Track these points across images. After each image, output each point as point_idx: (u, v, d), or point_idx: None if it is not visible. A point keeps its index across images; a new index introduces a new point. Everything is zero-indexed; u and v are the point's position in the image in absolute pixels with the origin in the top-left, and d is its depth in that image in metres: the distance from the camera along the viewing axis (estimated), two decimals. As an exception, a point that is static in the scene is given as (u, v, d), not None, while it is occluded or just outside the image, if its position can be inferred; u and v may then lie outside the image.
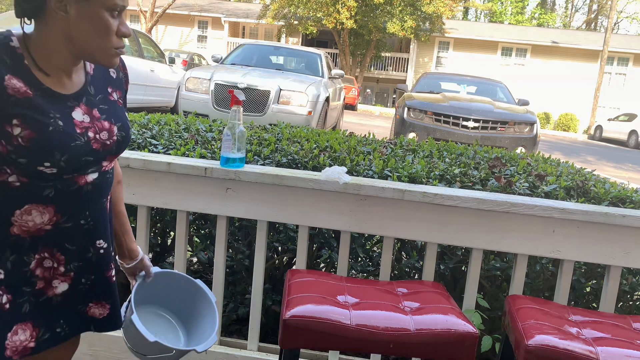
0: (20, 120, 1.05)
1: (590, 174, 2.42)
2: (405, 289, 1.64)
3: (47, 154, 1.08)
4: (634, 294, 2.15)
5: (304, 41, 26.45)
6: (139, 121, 2.56)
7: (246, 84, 6.57)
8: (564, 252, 1.84)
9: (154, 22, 22.27)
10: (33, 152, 1.07)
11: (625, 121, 19.13)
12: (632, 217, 1.77)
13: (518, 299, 1.61)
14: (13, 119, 1.05)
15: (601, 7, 40.41)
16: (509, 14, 42.05)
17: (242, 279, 2.28)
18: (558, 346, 1.32)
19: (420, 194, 1.81)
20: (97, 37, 1.10)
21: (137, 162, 1.87)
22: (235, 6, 29.78)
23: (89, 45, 1.11)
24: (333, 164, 2.13)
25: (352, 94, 20.29)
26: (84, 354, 2.05)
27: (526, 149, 6.76)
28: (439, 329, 1.37)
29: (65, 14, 1.07)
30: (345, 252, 1.93)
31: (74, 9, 1.07)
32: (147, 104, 8.83)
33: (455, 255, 2.17)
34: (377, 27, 22.64)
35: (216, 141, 2.35)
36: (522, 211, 1.80)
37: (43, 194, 1.12)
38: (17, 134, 1.05)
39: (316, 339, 1.35)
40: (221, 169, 1.86)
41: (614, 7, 22.88)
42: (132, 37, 8.68)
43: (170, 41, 26.88)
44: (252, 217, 1.92)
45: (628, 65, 25.02)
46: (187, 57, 18.33)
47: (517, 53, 25.49)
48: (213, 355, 2.00)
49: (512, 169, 2.32)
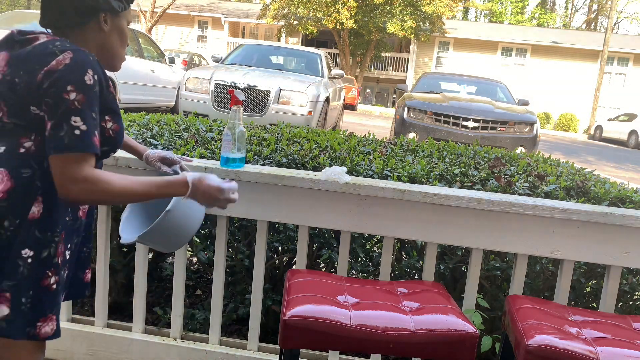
0: (111, 117, 1.28)
1: (590, 174, 2.41)
2: (405, 289, 1.64)
3: (119, 143, 1.33)
4: (634, 294, 2.15)
5: (304, 41, 26.44)
6: (139, 121, 2.56)
7: (246, 84, 6.57)
8: (564, 252, 1.84)
9: (154, 22, 22.27)
10: (115, 141, 1.31)
11: (625, 121, 19.13)
12: (632, 217, 1.77)
13: (518, 299, 1.61)
14: (106, 115, 1.27)
15: (601, 7, 40.41)
16: (509, 14, 42.05)
17: (242, 279, 2.28)
18: (558, 346, 1.32)
19: (420, 194, 1.81)
20: (121, 45, 1.37)
21: (138, 162, 1.87)
22: (235, 6, 29.78)
23: (115, 52, 1.36)
24: (333, 164, 2.13)
25: (352, 94, 20.29)
26: (84, 354, 2.06)
27: (526, 149, 6.76)
28: (439, 329, 1.37)
29: (104, 27, 1.31)
30: (345, 252, 1.93)
31: (110, 23, 1.32)
32: (147, 104, 8.83)
33: (455, 255, 2.17)
34: (377, 27, 22.63)
35: (216, 141, 2.35)
36: (522, 211, 1.80)
37: None
38: (109, 127, 1.28)
39: (316, 339, 1.35)
40: (221, 169, 1.86)
41: (614, 7, 22.88)
42: (132, 37, 8.68)
43: (170, 41, 26.87)
44: (252, 217, 1.92)
45: (628, 65, 25.01)
46: (187, 57, 18.33)
47: (517, 53, 25.49)
48: (213, 355, 2.00)
49: (512, 169, 2.32)
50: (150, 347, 2.03)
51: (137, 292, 2.05)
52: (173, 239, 1.58)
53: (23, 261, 1.19)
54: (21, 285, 1.18)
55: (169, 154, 1.75)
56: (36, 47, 1.19)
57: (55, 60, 1.16)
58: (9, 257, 1.17)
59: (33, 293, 1.20)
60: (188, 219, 1.59)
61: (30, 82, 1.16)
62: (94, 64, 1.20)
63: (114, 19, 1.32)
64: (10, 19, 7.58)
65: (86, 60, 1.18)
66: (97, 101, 1.20)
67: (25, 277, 1.19)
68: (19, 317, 1.19)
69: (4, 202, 1.17)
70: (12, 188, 1.18)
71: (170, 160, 1.75)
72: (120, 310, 2.39)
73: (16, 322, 1.18)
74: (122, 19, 1.35)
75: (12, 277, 1.18)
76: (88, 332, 2.06)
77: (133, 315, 2.07)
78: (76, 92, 1.15)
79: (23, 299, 1.19)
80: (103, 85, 1.23)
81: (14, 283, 1.18)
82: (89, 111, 1.17)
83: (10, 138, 1.21)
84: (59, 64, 1.15)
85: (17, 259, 1.18)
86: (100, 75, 1.21)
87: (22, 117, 1.19)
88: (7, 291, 1.17)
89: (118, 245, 2.30)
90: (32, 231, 1.20)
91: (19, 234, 1.18)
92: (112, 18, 1.32)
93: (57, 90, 1.14)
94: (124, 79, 7.83)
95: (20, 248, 1.18)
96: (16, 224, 1.18)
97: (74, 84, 1.15)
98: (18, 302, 1.18)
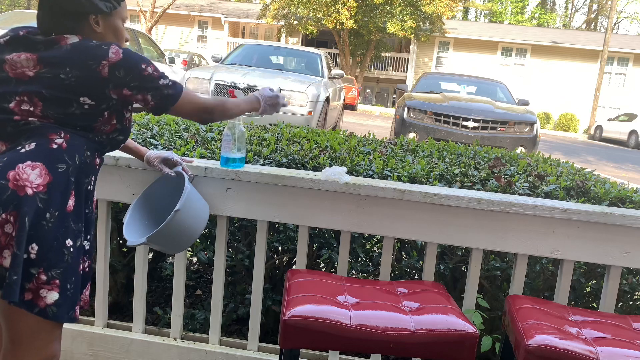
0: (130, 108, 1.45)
1: (590, 174, 2.41)
2: (405, 289, 1.64)
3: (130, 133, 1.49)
4: (634, 294, 2.15)
5: (304, 41, 26.44)
6: (139, 121, 2.56)
7: (246, 84, 6.57)
8: (564, 252, 1.84)
9: (154, 22, 22.26)
10: (129, 131, 1.48)
11: (625, 121, 19.12)
12: (632, 217, 1.77)
13: (518, 299, 1.61)
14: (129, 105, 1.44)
15: (601, 7, 40.40)
16: (509, 14, 42.04)
17: (242, 279, 2.27)
18: (558, 346, 1.32)
19: (420, 194, 1.81)
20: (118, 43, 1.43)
21: (138, 162, 1.87)
22: (235, 6, 29.77)
23: None
24: (333, 164, 2.13)
25: (352, 94, 20.28)
26: (84, 354, 2.05)
27: (526, 149, 6.75)
28: (439, 329, 1.37)
29: (99, 27, 1.38)
30: (345, 252, 1.93)
31: (103, 23, 1.39)
32: (147, 104, 8.81)
33: (455, 255, 2.17)
34: (377, 27, 22.62)
35: (216, 141, 2.35)
36: (522, 211, 1.80)
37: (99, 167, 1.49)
38: (127, 117, 1.45)
39: (316, 339, 1.35)
40: (221, 169, 1.86)
41: (614, 7, 22.88)
42: (132, 37, 8.68)
43: (170, 41, 26.86)
44: (252, 217, 1.92)
45: (628, 65, 25.00)
46: (187, 57, 18.33)
47: (517, 53, 25.48)
48: (213, 355, 2.00)
49: (512, 169, 2.32)
50: (150, 347, 2.03)
51: (137, 292, 2.05)
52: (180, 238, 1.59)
53: (67, 250, 1.30)
54: (67, 272, 1.30)
55: (171, 155, 1.78)
56: (76, 45, 1.33)
57: (111, 54, 1.32)
58: (54, 246, 1.27)
59: (75, 279, 1.33)
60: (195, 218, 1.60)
61: (89, 76, 1.31)
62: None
63: (106, 20, 1.39)
64: (10, 19, 7.58)
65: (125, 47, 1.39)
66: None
67: (70, 265, 1.31)
68: (67, 301, 1.30)
69: (45, 195, 1.27)
70: (51, 182, 1.28)
71: (172, 162, 1.78)
72: (120, 310, 2.39)
73: (64, 306, 1.30)
74: (115, 18, 1.41)
75: (60, 265, 1.28)
76: (88, 332, 2.06)
77: (133, 315, 2.07)
78: (147, 65, 1.37)
79: (68, 284, 1.31)
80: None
81: (62, 270, 1.28)
82: (162, 72, 1.41)
83: (39, 136, 1.31)
84: (117, 56, 1.33)
85: (63, 248, 1.29)
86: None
87: (60, 111, 1.32)
88: (56, 278, 1.28)
89: (118, 245, 2.30)
90: (69, 222, 1.32)
91: (61, 225, 1.29)
92: (103, 19, 1.39)
93: (138, 73, 1.35)
94: (124, 79, 7.81)
95: (64, 238, 1.30)
96: (56, 215, 1.28)
97: (142, 61, 1.36)
98: (65, 287, 1.30)
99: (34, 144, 1.29)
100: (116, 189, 1.93)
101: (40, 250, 1.25)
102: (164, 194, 1.82)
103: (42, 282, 1.26)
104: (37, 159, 1.28)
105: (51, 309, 1.27)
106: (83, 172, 1.38)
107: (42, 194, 1.26)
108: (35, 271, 1.25)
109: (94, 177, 1.44)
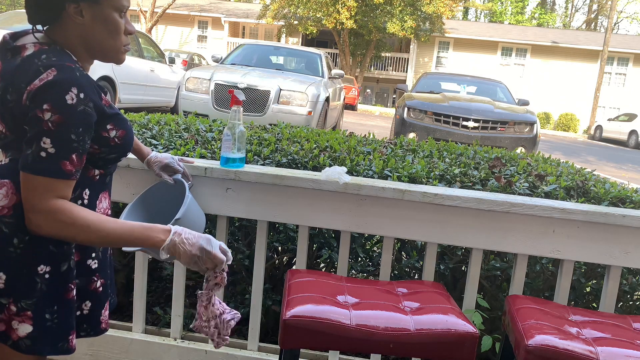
0: (113, 124, 1.21)
1: (590, 174, 2.41)
2: (405, 289, 1.64)
3: (130, 145, 1.27)
4: (634, 294, 2.15)
5: (304, 41, 26.44)
6: (139, 121, 2.56)
7: (246, 84, 6.57)
8: (564, 252, 1.84)
9: (154, 22, 22.27)
10: (124, 147, 1.25)
11: (625, 121, 19.13)
12: (632, 217, 1.77)
13: (518, 299, 1.61)
14: (107, 124, 1.20)
15: (601, 7, 40.40)
16: (509, 14, 42.06)
17: (242, 279, 2.28)
18: (558, 346, 1.32)
19: (420, 194, 1.81)
20: (110, 37, 1.21)
21: (138, 162, 1.87)
22: (235, 6, 29.78)
23: (103, 45, 1.22)
24: (333, 164, 2.13)
25: (352, 94, 20.29)
26: (84, 354, 2.05)
27: (526, 149, 6.75)
28: (439, 329, 1.37)
29: (82, 18, 1.17)
30: (345, 252, 1.93)
31: (88, 13, 1.17)
32: (147, 104, 8.83)
33: (455, 255, 2.17)
34: (377, 27, 22.63)
35: (216, 141, 2.35)
36: (522, 211, 1.80)
37: (106, 181, 1.30)
38: (114, 136, 1.21)
39: (316, 339, 1.35)
40: (221, 169, 1.86)
41: (614, 7, 22.88)
42: (132, 37, 8.68)
43: (170, 41, 26.87)
44: (252, 217, 1.92)
45: (628, 65, 25.01)
46: (187, 57, 18.33)
47: (517, 53, 25.48)
48: (213, 355, 2.00)
49: (512, 169, 2.32)
50: (150, 347, 2.03)
51: (137, 292, 2.05)
52: None
53: (41, 278, 1.14)
54: (43, 301, 1.14)
55: (172, 162, 1.71)
56: (24, 60, 1.12)
57: (38, 79, 1.07)
58: (24, 274, 1.13)
59: (59, 307, 1.17)
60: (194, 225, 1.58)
61: (19, 102, 1.09)
62: (81, 80, 1.11)
63: (92, 9, 1.17)
64: (10, 19, 7.58)
65: (70, 77, 1.09)
66: (87, 121, 1.11)
67: (47, 293, 1.15)
68: (47, 333, 1.15)
69: (10, 219, 1.11)
70: (18, 202, 1.11)
71: (173, 169, 1.71)
72: (120, 310, 2.39)
73: (42, 338, 1.15)
74: (105, 8, 1.18)
75: (31, 294, 1.13)
76: (88, 332, 2.06)
77: (133, 315, 2.07)
78: (52, 112, 1.06)
79: (47, 315, 1.15)
80: (94, 100, 1.14)
81: (35, 300, 1.13)
82: (66, 133, 1.07)
83: (15, 150, 1.15)
84: (40, 82, 1.07)
85: (34, 276, 1.13)
86: (88, 91, 1.12)
87: (19, 134, 1.13)
88: (27, 309, 1.13)
89: (118, 245, 2.30)
90: (45, 246, 1.15)
91: (31, 250, 1.13)
92: (89, 8, 1.17)
93: (34, 108, 1.07)
94: (124, 79, 7.83)
95: (36, 264, 1.13)
96: (26, 240, 1.12)
97: (50, 102, 1.06)
98: (41, 318, 1.14)
99: (9, 159, 1.15)
100: (116, 189, 1.93)
101: (7, 279, 1.11)
102: (161, 200, 1.80)
103: (12, 314, 1.12)
104: (6, 175, 1.13)
105: (24, 342, 1.13)
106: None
107: (7, 218, 1.11)
108: (6, 301, 1.11)
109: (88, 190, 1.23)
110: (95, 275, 1.28)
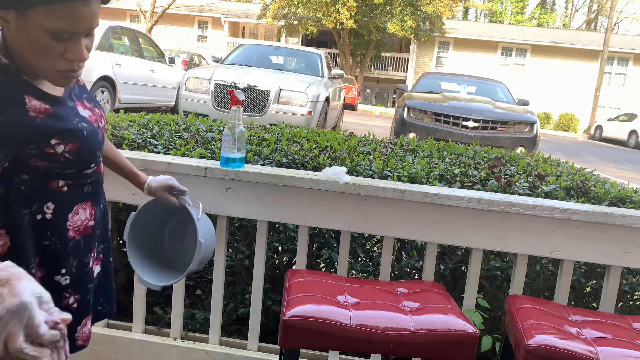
0: (59, 139, 1.05)
1: (590, 174, 2.41)
2: (405, 289, 1.64)
3: (92, 156, 1.13)
4: (634, 294, 2.15)
5: (304, 41, 26.44)
6: (139, 121, 2.56)
7: (246, 84, 6.57)
8: (564, 252, 1.84)
9: (154, 22, 22.25)
10: (80, 161, 1.10)
11: (625, 121, 19.13)
12: (632, 217, 1.77)
13: (518, 299, 1.61)
14: (50, 139, 1.04)
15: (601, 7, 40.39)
16: (509, 14, 42.07)
17: (242, 279, 2.27)
18: (558, 346, 1.32)
19: (420, 194, 1.81)
20: (34, 55, 1.00)
21: (137, 162, 1.87)
22: (235, 6, 29.78)
23: (30, 61, 1.02)
24: (333, 164, 2.13)
25: (352, 94, 20.29)
26: (84, 354, 2.05)
27: (526, 149, 6.75)
28: (439, 329, 1.37)
29: (7, 24, 0.98)
30: (345, 252, 1.93)
31: (13, 21, 0.98)
32: (147, 104, 8.84)
33: (455, 255, 2.17)
34: (377, 27, 22.63)
35: (216, 141, 2.35)
36: (522, 211, 1.80)
37: (84, 191, 1.18)
38: (62, 151, 1.06)
39: (316, 339, 1.35)
40: (221, 169, 1.86)
41: (614, 7, 22.87)
42: (132, 37, 8.68)
43: (170, 41, 26.86)
44: (252, 217, 1.92)
45: (628, 65, 25.01)
46: (187, 57, 18.33)
47: (517, 53, 25.48)
48: (213, 355, 2.00)
49: (512, 169, 2.32)
50: (150, 347, 2.03)
51: (137, 292, 2.05)
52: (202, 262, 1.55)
53: None
54: None
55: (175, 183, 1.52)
56: None
57: None
58: None
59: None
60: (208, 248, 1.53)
61: None
62: None
63: (17, 19, 0.97)
64: None
65: None
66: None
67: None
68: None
69: None
70: None
71: (179, 190, 1.52)
72: (120, 310, 2.39)
73: None
74: (31, 25, 0.96)
75: None
76: (88, 332, 2.06)
77: (133, 315, 2.07)
78: None
79: None
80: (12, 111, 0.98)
81: None
82: None
83: None
84: None
85: None
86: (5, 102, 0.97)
87: None
88: None
89: (118, 245, 2.30)
90: None
91: None
92: (15, 16, 0.97)
93: None
94: (124, 79, 7.83)
95: None
96: None
97: None
98: None
99: None
100: (116, 189, 1.93)
101: None
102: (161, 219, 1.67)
103: None
104: None
105: None
106: (21, 201, 1.07)
107: None
108: None
109: (52, 204, 1.11)
110: (67, 292, 1.18)
